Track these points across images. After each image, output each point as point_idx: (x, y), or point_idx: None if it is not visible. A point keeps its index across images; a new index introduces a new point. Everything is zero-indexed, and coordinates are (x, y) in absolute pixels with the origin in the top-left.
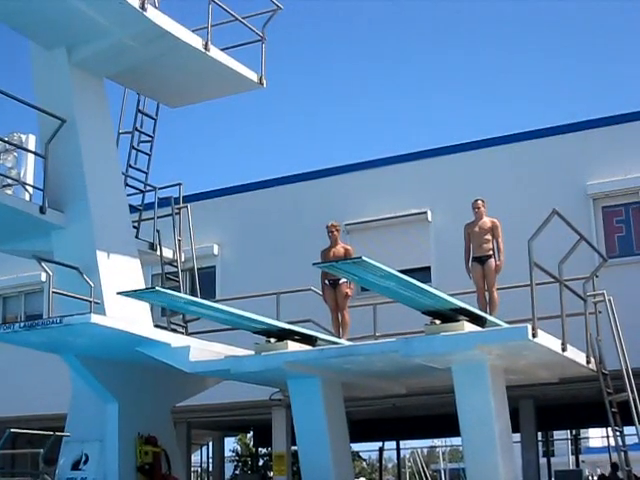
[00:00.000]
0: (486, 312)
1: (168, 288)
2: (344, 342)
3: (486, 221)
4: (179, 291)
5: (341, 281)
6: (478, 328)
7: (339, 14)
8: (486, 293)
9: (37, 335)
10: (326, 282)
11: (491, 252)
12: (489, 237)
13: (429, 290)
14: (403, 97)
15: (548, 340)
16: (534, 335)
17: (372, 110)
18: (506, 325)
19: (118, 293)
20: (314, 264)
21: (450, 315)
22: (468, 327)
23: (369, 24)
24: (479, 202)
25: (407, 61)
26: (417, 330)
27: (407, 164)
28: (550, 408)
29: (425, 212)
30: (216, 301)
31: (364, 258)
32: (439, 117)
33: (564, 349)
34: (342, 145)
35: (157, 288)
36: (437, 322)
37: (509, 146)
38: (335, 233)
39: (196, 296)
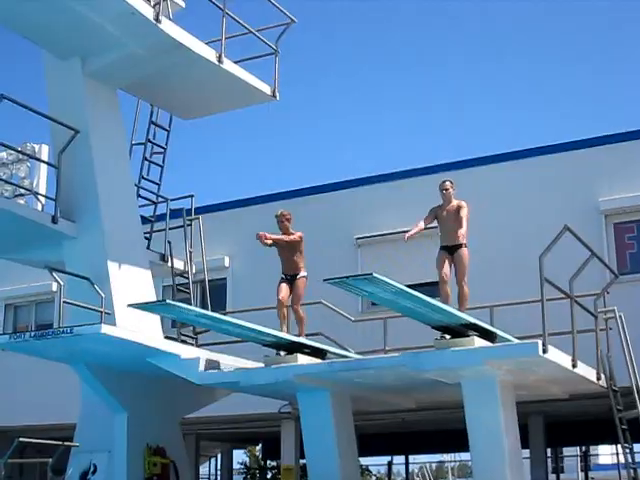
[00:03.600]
0: (449, 305)
1: (179, 300)
2: (352, 355)
3: (454, 205)
4: (190, 303)
5: (299, 275)
6: (488, 343)
7: (354, 22)
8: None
9: (47, 345)
10: (283, 276)
11: (463, 241)
12: (460, 224)
13: (439, 306)
14: (414, 110)
15: (558, 356)
16: (544, 351)
17: (382, 124)
18: (516, 341)
19: (129, 305)
20: (325, 280)
21: (460, 330)
22: (478, 342)
23: (380, 34)
24: (447, 183)
25: (416, 72)
26: (427, 345)
27: (418, 178)
28: (560, 424)
29: (436, 226)
30: (226, 313)
31: (375, 274)
32: (451, 132)
33: (574, 365)
34: (355, 158)
35: (168, 301)
36: (447, 337)
37: (521, 162)
38: (285, 223)
39: (207, 308)
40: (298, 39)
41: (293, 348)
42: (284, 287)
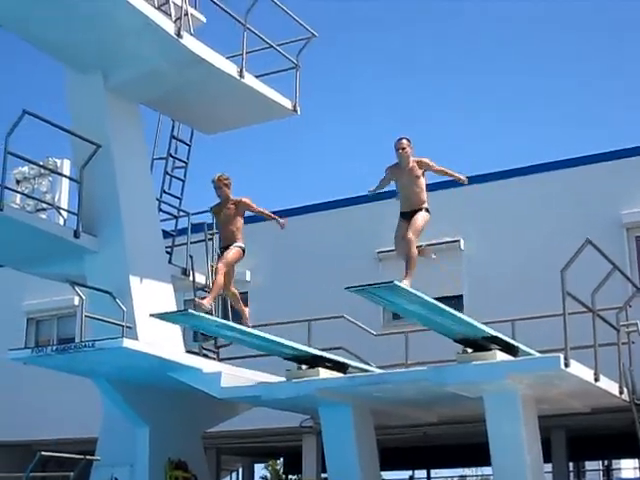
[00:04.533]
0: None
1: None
2: (374, 369)
3: (414, 167)
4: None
5: (234, 245)
6: (510, 357)
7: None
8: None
9: (69, 359)
10: (219, 252)
11: (423, 205)
12: (421, 187)
13: (461, 317)
14: (435, 123)
15: (580, 370)
16: (566, 365)
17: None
18: (538, 355)
19: (151, 315)
20: (346, 288)
21: (482, 344)
22: (500, 356)
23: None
24: (403, 141)
25: (439, 86)
26: (449, 359)
27: (439, 192)
28: (582, 438)
29: (458, 240)
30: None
31: (396, 282)
32: (471, 145)
33: (597, 379)
34: (377, 171)
35: (189, 311)
36: (469, 351)
37: (542, 175)
38: (224, 189)
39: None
40: (319, 51)
41: (314, 362)
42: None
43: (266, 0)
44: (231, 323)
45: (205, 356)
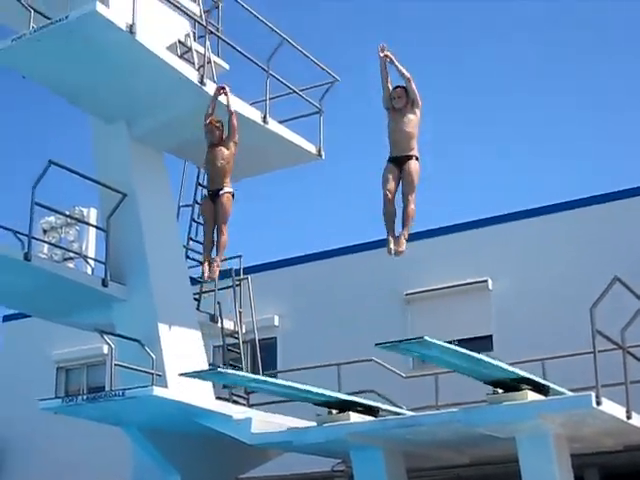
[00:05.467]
0: (394, 225)
1: (230, 360)
2: (405, 411)
3: (411, 117)
4: (240, 362)
5: (223, 191)
6: (541, 397)
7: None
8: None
9: (100, 408)
10: (206, 194)
11: (414, 153)
12: (414, 131)
13: (493, 362)
14: (460, 161)
15: (612, 408)
16: (598, 403)
17: (430, 177)
18: (569, 393)
19: (180, 375)
20: (377, 345)
21: (513, 384)
22: (531, 396)
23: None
24: (398, 90)
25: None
26: (479, 399)
27: (466, 232)
28: (615, 476)
29: (486, 280)
30: (277, 372)
31: (426, 338)
32: (497, 183)
33: (629, 417)
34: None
35: (219, 370)
36: (499, 391)
37: (569, 212)
38: (217, 131)
39: (257, 368)
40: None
41: (345, 406)
42: (209, 207)
43: (288, 45)
44: (259, 377)
45: (235, 402)
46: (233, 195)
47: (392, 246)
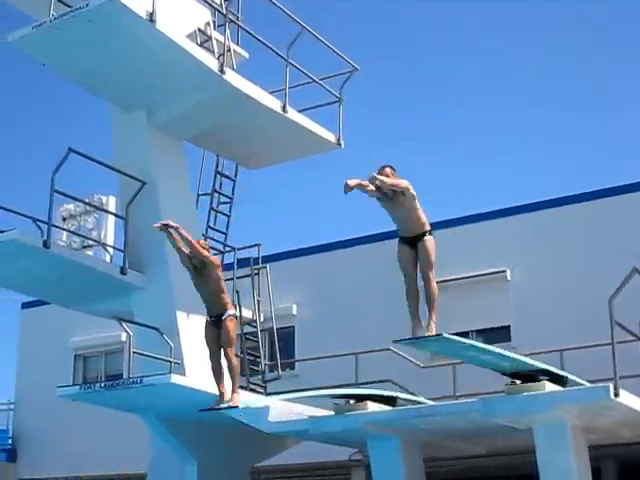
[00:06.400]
0: (418, 307)
1: (248, 349)
2: (423, 400)
3: (402, 200)
4: (258, 351)
5: (225, 315)
6: (559, 387)
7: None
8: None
9: (118, 395)
10: (208, 319)
11: (426, 229)
12: (417, 212)
13: (511, 356)
14: (479, 155)
15: (630, 399)
16: (616, 395)
17: (447, 168)
18: (588, 385)
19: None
20: (395, 341)
21: (531, 374)
22: (549, 387)
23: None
24: (387, 170)
25: (484, 118)
26: (497, 390)
27: (485, 222)
28: (633, 468)
29: (504, 271)
30: (295, 361)
31: (444, 335)
32: (516, 175)
33: None
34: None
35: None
36: (517, 382)
37: (588, 203)
38: (205, 252)
39: (275, 356)
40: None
41: (363, 396)
42: (212, 333)
43: (308, 34)
44: (299, 395)
45: (253, 390)
46: (236, 317)
47: (419, 332)
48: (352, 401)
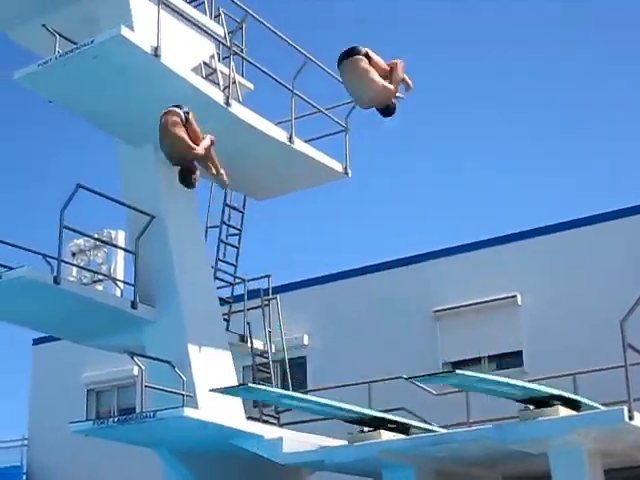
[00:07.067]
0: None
1: (260, 380)
2: (436, 429)
3: None
4: (270, 382)
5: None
6: (573, 412)
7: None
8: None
9: (131, 430)
10: None
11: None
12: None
13: (524, 385)
14: (490, 177)
15: None
16: (631, 417)
17: (457, 194)
18: (602, 408)
19: (210, 390)
20: (407, 378)
21: (544, 400)
22: (563, 411)
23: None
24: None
25: (497, 140)
26: (511, 416)
27: (494, 248)
28: None
29: (515, 296)
30: (307, 391)
31: (457, 372)
32: (526, 196)
33: None
34: (428, 231)
35: (249, 385)
36: (531, 407)
37: (598, 226)
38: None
39: (287, 387)
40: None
41: (376, 424)
42: None
43: (313, 64)
44: (291, 392)
45: (266, 422)
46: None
47: None
48: (366, 430)
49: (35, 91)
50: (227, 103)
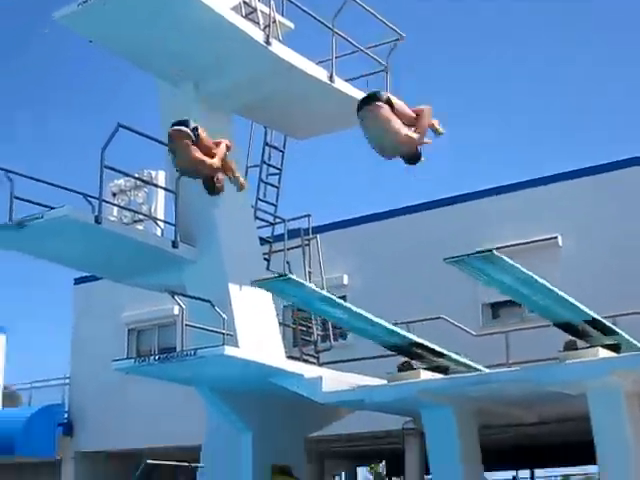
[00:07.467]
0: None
1: (300, 319)
2: (477, 367)
3: None
4: (310, 321)
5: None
6: (612, 354)
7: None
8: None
9: (172, 368)
10: None
11: None
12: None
13: (562, 296)
14: (528, 120)
15: None
16: None
17: (501, 133)
18: None
19: (252, 283)
20: (445, 259)
21: (583, 330)
22: (602, 353)
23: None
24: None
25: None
26: (550, 357)
27: (537, 189)
28: None
29: (556, 237)
30: (346, 331)
31: (494, 252)
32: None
33: None
34: (469, 172)
35: (289, 275)
36: (574, 339)
37: (634, 169)
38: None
39: (327, 327)
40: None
41: (416, 356)
42: None
43: (353, 3)
44: (332, 296)
45: (305, 361)
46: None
47: None
48: (405, 372)
49: (75, 30)
50: (267, 42)
